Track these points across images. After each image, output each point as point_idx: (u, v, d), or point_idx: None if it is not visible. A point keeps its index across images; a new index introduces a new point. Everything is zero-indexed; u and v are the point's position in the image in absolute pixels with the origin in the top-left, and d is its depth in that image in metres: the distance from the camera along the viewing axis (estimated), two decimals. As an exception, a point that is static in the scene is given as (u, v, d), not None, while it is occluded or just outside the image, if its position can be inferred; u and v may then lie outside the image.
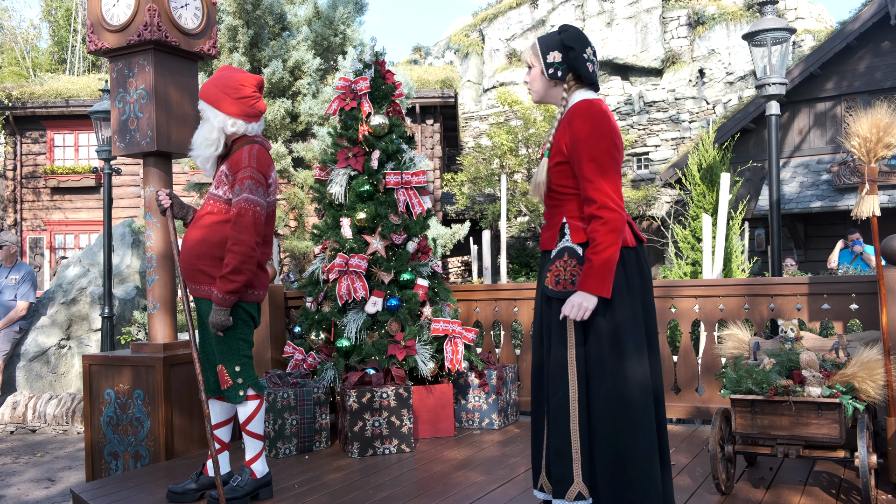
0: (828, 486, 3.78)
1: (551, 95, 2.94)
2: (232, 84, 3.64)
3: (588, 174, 2.69)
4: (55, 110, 17.06)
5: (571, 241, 2.80)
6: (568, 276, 2.77)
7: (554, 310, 2.80)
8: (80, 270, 9.74)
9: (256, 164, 3.57)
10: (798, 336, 3.84)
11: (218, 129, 3.63)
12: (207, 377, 3.76)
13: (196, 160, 3.75)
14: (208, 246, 3.58)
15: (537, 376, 2.94)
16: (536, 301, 2.98)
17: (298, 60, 9.74)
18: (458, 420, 5.32)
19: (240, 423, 3.71)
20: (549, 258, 2.87)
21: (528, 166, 18.09)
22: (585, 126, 2.72)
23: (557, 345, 2.77)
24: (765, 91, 6.41)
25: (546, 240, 2.91)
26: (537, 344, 2.99)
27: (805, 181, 14.90)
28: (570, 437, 2.71)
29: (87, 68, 26.08)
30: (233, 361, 3.63)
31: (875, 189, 3.59)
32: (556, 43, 2.87)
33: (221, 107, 3.61)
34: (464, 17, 27.55)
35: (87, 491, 4.08)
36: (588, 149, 2.69)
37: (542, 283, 2.87)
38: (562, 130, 2.81)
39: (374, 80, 5.40)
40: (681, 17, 20.89)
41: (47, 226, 17.64)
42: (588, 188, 2.68)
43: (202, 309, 3.67)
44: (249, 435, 3.70)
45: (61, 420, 8.14)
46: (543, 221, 2.96)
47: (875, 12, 14.16)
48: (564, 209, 2.84)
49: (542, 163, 2.89)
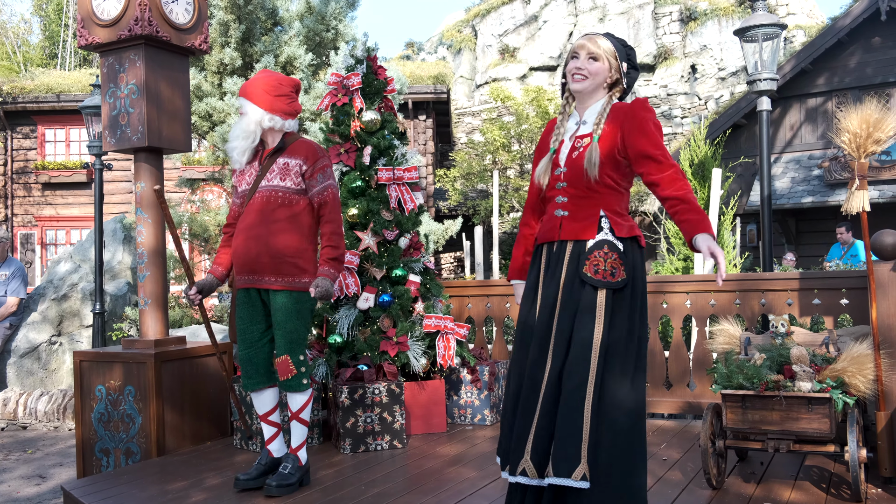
0: (818, 480, 3.80)
1: (596, 94, 2.97)
2: (271, 83, 3.86)
3: (658, 154, 2.82)
4: (46, 105, 16.98)
5: (613, 235, 2.85)
6: (608, 267, 2.80)
7: (587, 293, 2.81)
8: (71, 266, 9.70)
9: (326, 154, 3.93)
10: (789, 331, 3.86)
11: (255, 122, 3.82)
12: (252, 370, 3.89)
13: (232, 152, 3.90)
14: (295, 238, 3.79)
15: (536, 363, 2.85)
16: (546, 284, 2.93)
17: (290, 56, 9.70)
18: (450, 416, 5.33)
19: (292, 412, 3.86)
20: (584, 248, 2.86)
21: (520, 162, 18.09)
22: (651, 117, 2.88)
23: (586, 326, 2.78)
24: (756, 87, 6.42)
25: (574, 229, 2.88)
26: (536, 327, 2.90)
27: (796, 176, 14.94)
28: (584, 416, 2.70)
29: (79, 63, 25.95)
30: (298, 351, 3.81)
31: (865, 184, 3.60)
32: (627, 56, 2.99)
33: (260, 102, 3.81)
34: (456, 12, 27.53)
35: (78, 488, 4.07)
36: (655, 135, 2.85)
37: (574, 269, 2.85)
38: (615, 123, 2.87)
39: (366, 75, 5.38)
40: (673, 12, 20.92)
41: (38, 221, 17.57)
42: (661, 159, 2.81)
43: (276, 301, 3.78)
44: (301, 423, 3.88)
45: (52, 417, 8.12)
46: (565, 213, 2.91)
47: (865, 8, 14.20)
48: (603, 202, 2.87)
49: (592, 148, 2.85)
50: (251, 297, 3.86)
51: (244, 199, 3.89)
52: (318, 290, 3.69)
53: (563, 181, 2.92)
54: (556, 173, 2.95)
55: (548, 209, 3.01)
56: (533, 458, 2.72)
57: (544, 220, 3.02)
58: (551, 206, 2.98)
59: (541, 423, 2.76)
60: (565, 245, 2.90)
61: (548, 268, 2.94)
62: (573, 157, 2.90)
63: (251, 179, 3.89)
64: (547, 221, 2.99)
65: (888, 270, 3.84)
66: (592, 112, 2.96)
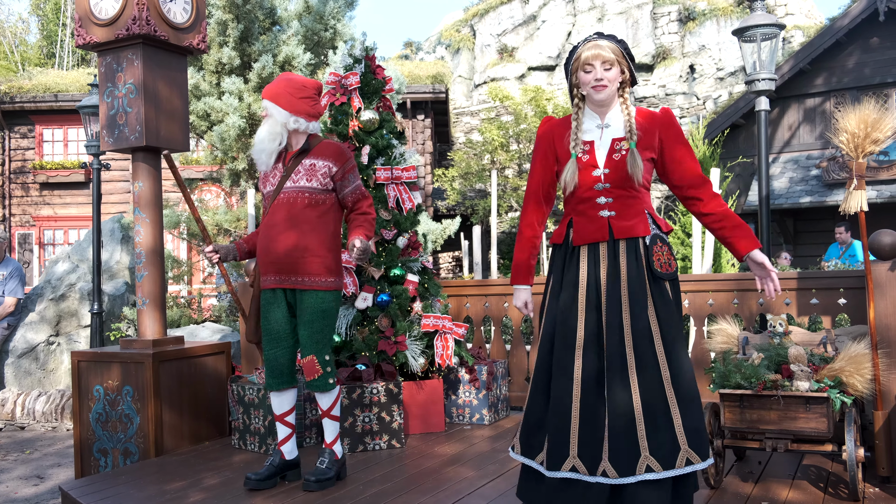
0: (816, 479, 3.80)
1: (613, 98, 3.06)
2: (295, 85, 3.91)
3: (699, 170, 3.05)
4: (44, 105, 16.95)
5: (662, 230, 3.05)
6: (665, 259, 3.00)
7: (663, 288, 2.97)
8: (69, 266, 9.69)
9: (352, 155, 4.02)
10: (786, 331, 3.86)
11: (282, 124, 3.86)
12: (277, 370, 3.90)
13: (260, 154, 3.91)
14: (322, 238, 3.85)
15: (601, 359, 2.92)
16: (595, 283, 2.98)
17: (289, 55, 9.70)
18: (448, 415, 5.33)
19: (323, 410, 3.92)
20: (641, 244, 2.98)
21: (518, 162, 18.08)
22: (680, 128, 3.09)
23: (667, 317, 2.93)
24: (754, 87, 6.42)
25: (626, 227, 2.97)
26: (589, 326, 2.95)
27: (795, 176, 14.95)
28: (700, 404, 2.93)
29: (77, 63, 25.92)
30: (324, 350, 3.85)
31: (863, 184, 3.61)
32: (627, 51, 3.08)
33: (285, 105, 3.85)
34: (455, 12, 27.50)
35: (76, 488, 4.07)
36: (692, 149, 3.09)
37: (635, 264, 2.95)
38: (649, 130, 3.01)
39: (365, 75, 5.38)
40: (671, 12, 20.93)
41: (36, 221, 17.55)
42: (698, 169, 3.05)
43: (304, 301, 3.82)
44: (332, 419, 3.93)
45: (50, 417, 8.11)
46: (612, 213, 2.98)
47: (864, 9, 14.21)
48: (644, 202, 3.03)
49: (633, 154, 2.95)
50: (277, 297, 3.88)
51: (268, 201, 3.94)
52: (360, 246, 3.72)
53: (606, 182, 2.99)
54: (594, 174, 3.00)
55: (582, 210, 3.03)
56: (656, 454, 2.80)
57: (581, 222, 3.03)
58: (590, 207, 3.01)
59: (617, 421, 2.84)
60: (618, 243, 2.98)
61: (595, 266, 2.99)
62: (615, 160, 2.98)
63: (275, 181, 3.92)
64: (587, 223, 3.02)
65: (886, 270, 3.85)
66: (614, 115, 3.05)
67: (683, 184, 3.02)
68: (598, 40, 3.03)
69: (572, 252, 3.06)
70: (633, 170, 2.94)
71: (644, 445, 2.81)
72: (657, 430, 2.82)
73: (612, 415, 2.85)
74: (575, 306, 2.99)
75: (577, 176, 3.01)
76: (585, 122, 3.08)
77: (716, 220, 2.98)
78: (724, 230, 2.98)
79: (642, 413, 2.83)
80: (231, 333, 7.86)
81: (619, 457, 2.80)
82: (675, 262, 3.03)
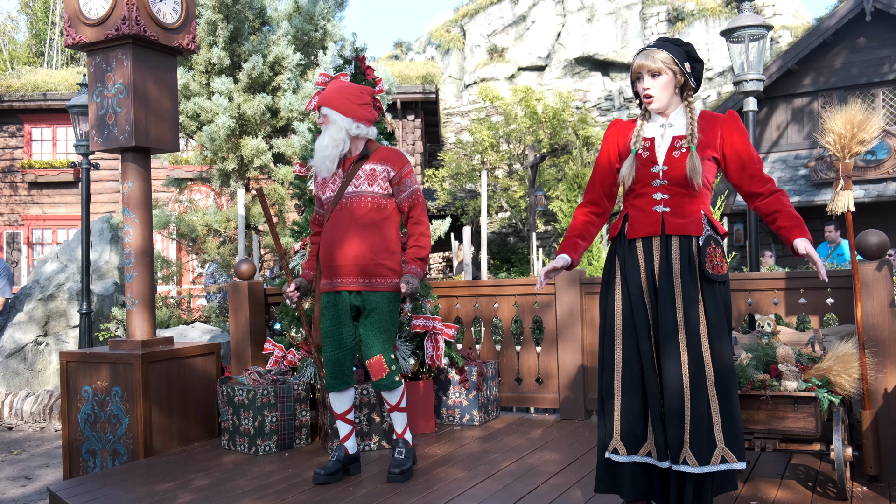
0: (804, 478, 3.82)
1: (672, 100, 3.10)
2: (353, 92, 4.04)
3: (762, 168, 3.11)
4: (33, 104, 16.88)
5: (717, 232, 3.06)
6: (718, 261, 3.01)
7: (714, 290, 2.99)
8: (58, 266, 9.65)
9: (409, 160, 4.14)
10: (775, 330, 3.88)
11: (345, 130, 3.97)
12: (338, 371, 4.00)
13: (324, 161, 3.99)
14: (385, 241, 3.97)
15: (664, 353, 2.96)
16: (651, 277, 3.03)
17: (279, 55, 9.69)
18: (438, 416, 5.33)
19: (391, 405, 4.05)
20: (695, 243, 3.00)
21: (508, 162, 18.11)
22: (744, 129, 3.12)
23: (717, 317, 2.96)
24: (742, 87, 6.46)
25: (680, 225, 3.00)
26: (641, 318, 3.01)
27: (783, 176, 15.02)
28: (735, 402, 2.95)
29: (66, 62, 25.79)
30: (390, 350, 3.98)
31: (850, 184, 3.62)
32: (686, 54, 3.11)
33: (347, 111, 3.96)
34: (445, 12, 27.51)
35: (64, 489, 4.06)
36: (755, 150, 3.12)
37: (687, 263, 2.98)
38: (712, 131, 3.05)
39: (355, 75, 5.38)
40: (660, 12, 20.99)
41: (25, 221, 17.46)
42: (762, 169, 3.10)
43: (369, 302, 3.93)
44: (400, 411, 4.08)
45: (38, 417, 8.08)
46: (666, 209, 3.02)
47: (851, 9, 14.29)
48: (703, 202, 3.06)
49: (693, 155, 2.99)
50: (340, 300, 3.97)
51: (329, 207, 4.03)
52: (409, 286, 3.88)
53: (664, 179, 3.03)
54: (652, 171, 3.05)
55: (639, 204, 3.09)
56: (694, 448, 2.86)
57: (636, 216, 3.09)
58: (646, 202, 3.06)
59: (691, 415, 2.90)
60: (671, 239, 3.02)
61: (649, 260, 3.04)
62: (674, 157, 3.02)
63: (335, 187, 4.02)
64: (642, 217, 3.07)
65: (873, 270, 3.87)
66: (677, 115, 3.11)
67: (745, 182, 3.09)
68: (649, 49, 3.08)
69: (627, 245, 3.10)
70: (692, 172, 2.98)
71: (686, 439, 2.89)
72: (699, 427, 2.89)
73: (666, 407, 2.94)
74: (629, 300, 3.05)
75: (634, 171, 3.06)
76: (649, 123, 3.15)
77: (769, 214, 3.07)
78: (775, 222, 3.06)
79: (690, 408, 2.90)
80: (221, 334, 7.85)
81: (699, 447, 2.89)
82: (726, 266, 3.05)
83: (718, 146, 3.06)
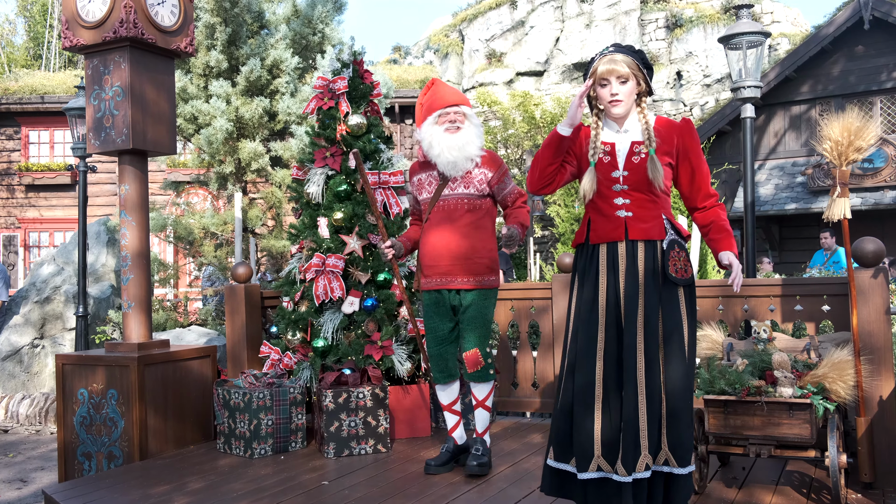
0: (799, 485, 3.83)
1: (630, 109, 3.09)
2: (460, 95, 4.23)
3: (708, 182, 3.15)
4: (30, 106, 16.86)
5: (680, 236, 3.08)
6: (682, 265, 3.03)
7: (674, 295, 3.01)
8: (55, 269, 9.64)
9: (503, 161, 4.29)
10: (771, 337, 3.88)
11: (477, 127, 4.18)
12: (443, 365, 4.16)
13: (464, 163, 4.10)
14: (482, 240, 4.13)
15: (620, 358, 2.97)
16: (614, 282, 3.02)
17: (277, 59, 9.69)
18: (434, 420, 5.32)
19: (478, 400, 4.15)
20: (659, 247, 3.02)
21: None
22: (698, 139, 3.17)
23: (677, 321, 2.98)
24: (740, 94, 6.47)
25: (644, 230, 3.01)
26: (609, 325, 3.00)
27: (780, 183, 15.04)
28: (689, 406, 2.96)
29: (64, 64, 25.78)
30: (486, 344, 4.10)
31: (846, 192, 3.64)
32: (643, 60, 3.10)
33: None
34: (443, 17, 27.56)
35: (59, 492, 4.05)
36: (706, 163, 3.16)
37: (652, 267, 2.99)
38: (668, 137, 3.06)
39: (353, 79, 5.39)
40: (659, 19, 21.03)
41: (21, 223, 17.44)
42: (708, 183, 3.15)
43: (468, 299, 4.09)
44: (485, 409, 4.18)
45: (34, 420, 8.06)
46: (629, 213, 3.02)
47: (849, 17, 14.31)
48: (663, 207, 3.08)
49: (653, 159, 3.00)
50: (442, 298, 4.14)
51: (426, 207, 4.21)
52: (505, 234, 4.03)
53: (624, 184, 3.03)
54: (613, 175, 3.04)
55: (601, 208, 3.08)
56: (652, 452, 2.89)
57: (599, 220, 3.08)
58: (608, 207, 3.06)
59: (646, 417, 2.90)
60: (636, 244, 3.02)
61: (614, 265, 3.03)
62: (634, 162, 3.02)
63: (431, 188, 4.20)
64: (605, 222, 3.06)
65: (869, 277, 3.88)
66: (632, 121, 3.09)
67: (691, 195, 3.13)
68: (613, 54, 3.04)
69: (592, 251, 3.09)
70: (654, 175, 2.99)
71: (645, 444, 2.89)
72: (651, 432, 2.89)
73: (624, 414, 2.93)
74: (596, 306, 3.03)
75: (594, 184, 3.06)
76: (605, 130, 3.12)
77: (705, 228, 3.13)
78: (707, 234, 3.12)
79: (646, 414, 2.90)
80: (217, 337, 7.84)
81: (627, 455, 2.89)
82: (691, 269, 3.05)
83: (674, 153, 3.09)
